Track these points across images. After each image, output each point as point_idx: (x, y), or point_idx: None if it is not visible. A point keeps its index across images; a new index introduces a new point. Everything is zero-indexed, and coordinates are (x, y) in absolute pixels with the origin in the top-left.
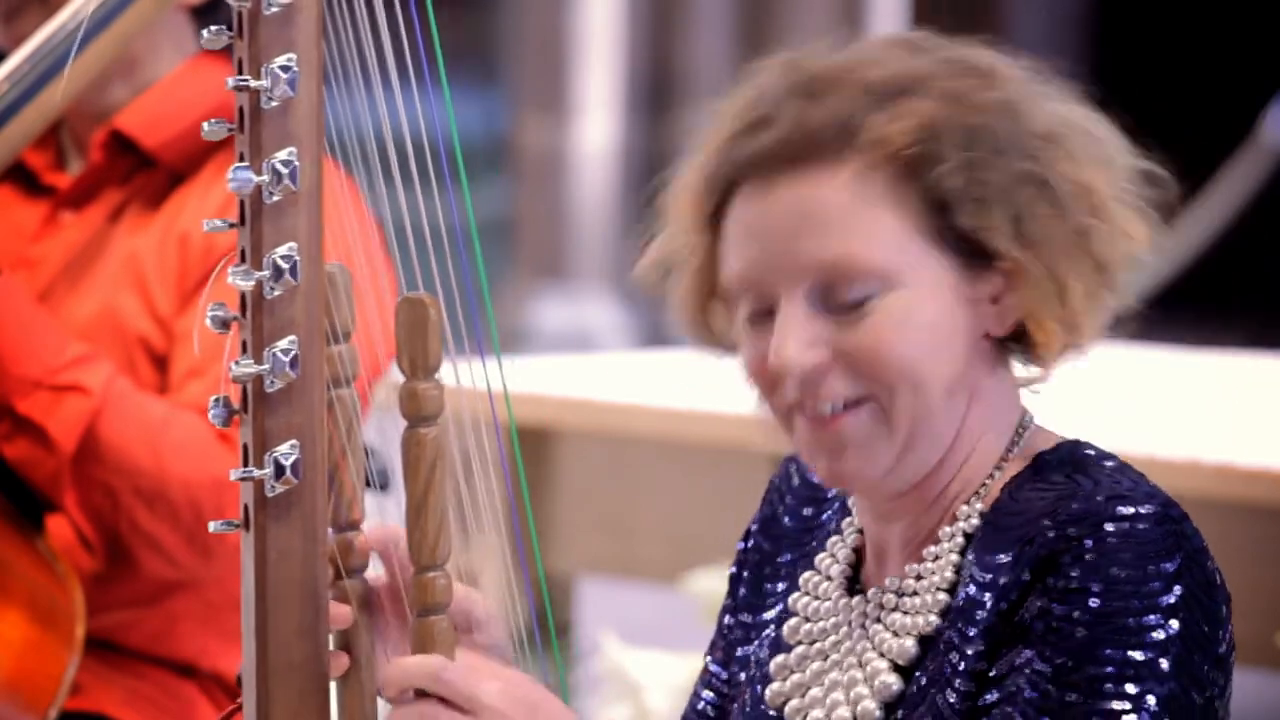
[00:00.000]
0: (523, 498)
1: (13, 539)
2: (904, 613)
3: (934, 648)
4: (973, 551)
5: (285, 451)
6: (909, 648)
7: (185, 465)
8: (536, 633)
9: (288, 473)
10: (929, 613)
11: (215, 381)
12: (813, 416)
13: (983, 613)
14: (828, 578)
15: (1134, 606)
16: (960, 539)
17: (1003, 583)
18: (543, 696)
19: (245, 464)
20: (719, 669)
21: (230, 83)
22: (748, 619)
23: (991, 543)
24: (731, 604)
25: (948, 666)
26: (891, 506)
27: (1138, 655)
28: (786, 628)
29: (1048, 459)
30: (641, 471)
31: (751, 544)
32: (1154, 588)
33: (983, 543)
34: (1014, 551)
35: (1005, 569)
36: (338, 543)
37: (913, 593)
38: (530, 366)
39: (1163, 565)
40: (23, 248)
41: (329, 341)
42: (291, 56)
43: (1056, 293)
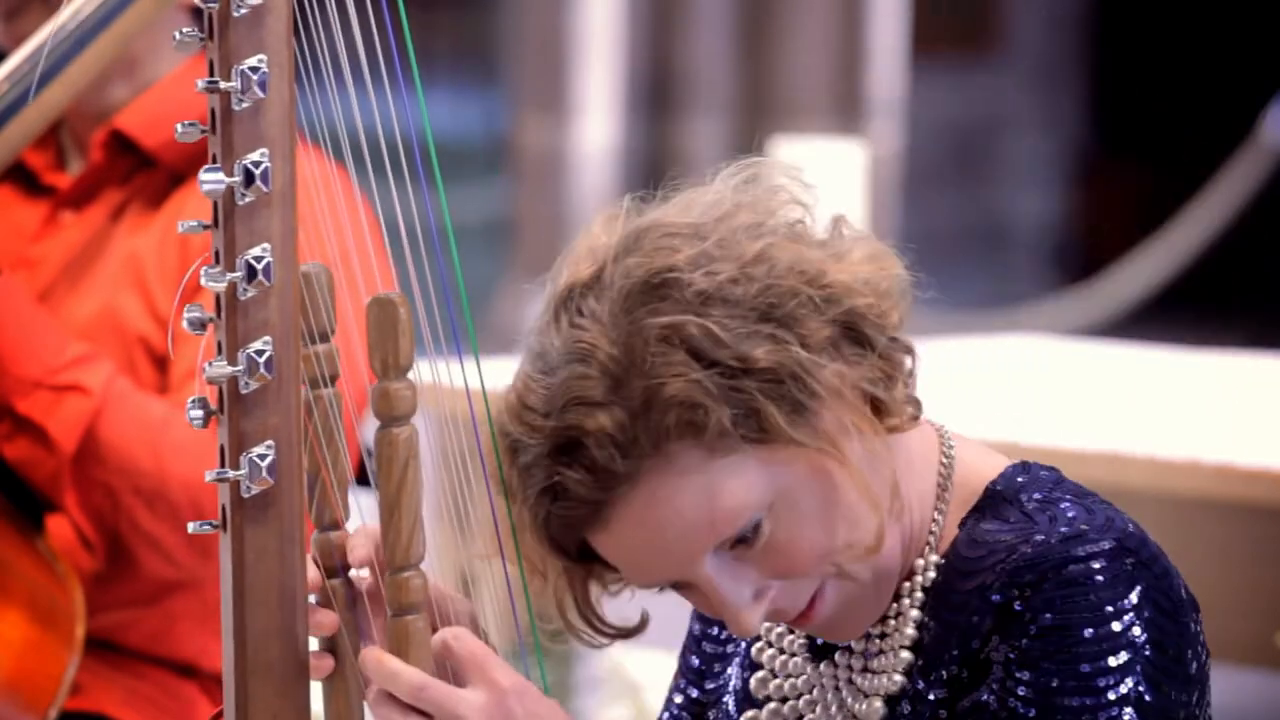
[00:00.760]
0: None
1: (13, 539)
2: (872, 673)
3: (900, 706)
4: (933, 601)
5: (261, 452)
6: (877, 708)
7: (185, 465)
8: (535, 634)
9: (264, 473)
10: (894, 672)
11: None
12: (791, 621)
13: (946, 663)
14: (790, 653)
15: (1097, 650)
16: (920, 594)
17: (964, 631)
18: (528, 712)
19: (222, 465)
20: (691, 675)
21: (200, 84)
22: (715, 631)
23: (950, 591)
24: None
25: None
26: None
27: (1107, 695)
28: (754, 680)
29: (998, 491)
30: None
31: None
32: (1114, 628)
33: (942, 591)
34: (974, 601)
35: (966, 617)
36: (319, 544)
37: (878, 652)
38: None
39: (1121, 603)
40: (23, 248)
41: (307, 342)
42: (262, 58)
43: (875, 385)
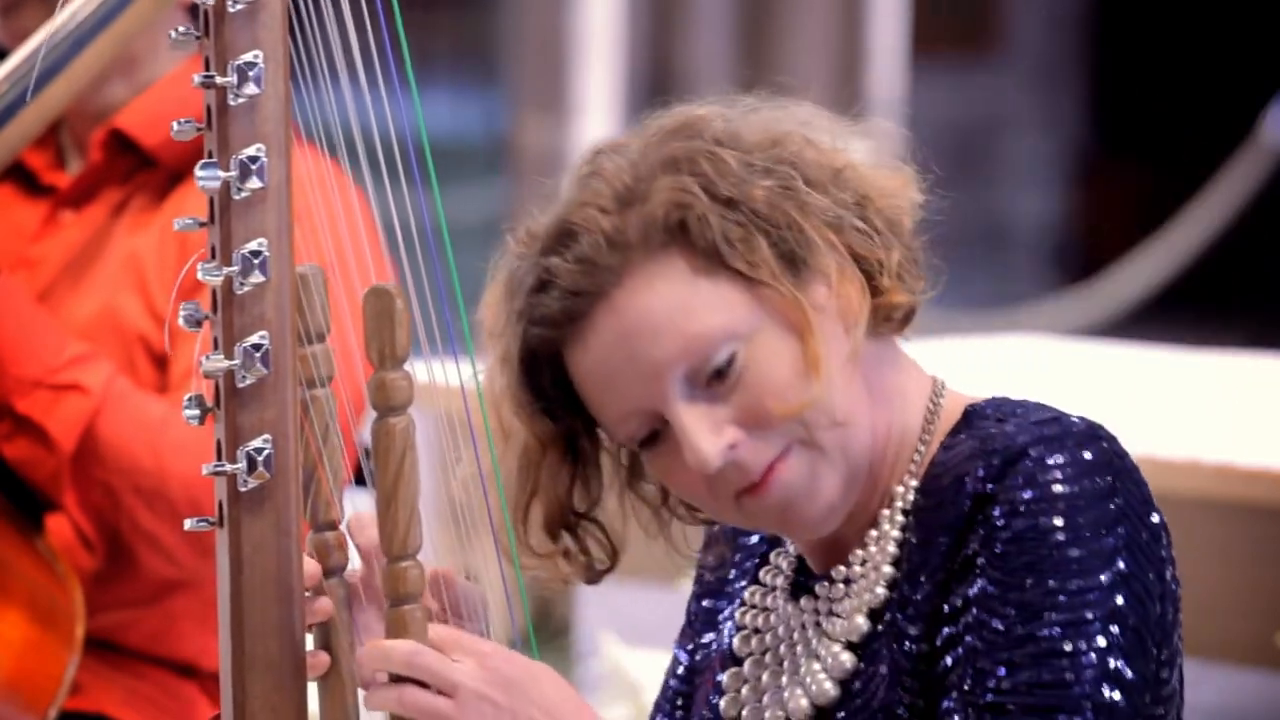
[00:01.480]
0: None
1: (13, 539)
2: (851, 596)
3: (885, 615)
4: (913, 522)
5: (258, 446)
6: (860, 624)
7: (185, 464)
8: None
9: (260, 467)
10: (875, 587)
11: None
12: (751, 485)
13: (930, 564)
14: (773, 589)
15: (1074, 534)
16: (900, 517)
17: (943, 530)
18: (520, 670)
19: (218, 459)
20: (685, 656)
21: (196, 79)
22: (709, 604)
23: (929, 503)
24: (698, 590)
25: (901, 620)
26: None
27: (1094, 577)
28: (737, 639)
29: (976, 409)
30: None
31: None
32: (1094, 500)
33: (922, 508)
34: (950, 494)
35: (945, 516)
36: (315, 544)
37: (860, 577)
38: None
39: (1097, 480)
40: (23, 248)
41: (303, 342)
42: (257, 53)
43: (873, 268)
